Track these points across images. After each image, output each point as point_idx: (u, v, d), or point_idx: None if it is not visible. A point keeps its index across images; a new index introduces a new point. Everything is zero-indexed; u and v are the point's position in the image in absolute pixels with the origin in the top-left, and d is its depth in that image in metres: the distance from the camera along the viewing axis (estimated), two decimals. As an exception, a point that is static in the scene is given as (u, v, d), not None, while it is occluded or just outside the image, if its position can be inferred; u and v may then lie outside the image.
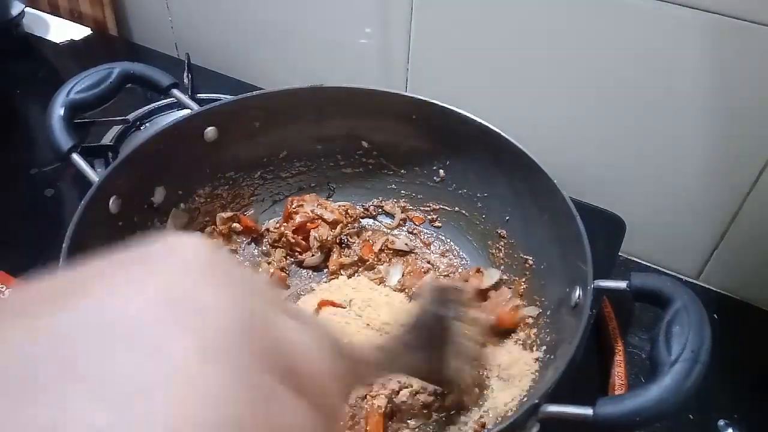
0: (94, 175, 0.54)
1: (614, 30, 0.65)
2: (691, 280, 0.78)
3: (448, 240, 0.72)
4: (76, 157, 0.54)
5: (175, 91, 0.62)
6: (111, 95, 0.58)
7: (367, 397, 0.55)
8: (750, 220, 0.69)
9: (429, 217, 0.73)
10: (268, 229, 0.71)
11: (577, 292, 0.50)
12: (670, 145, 0.69)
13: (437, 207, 0.72)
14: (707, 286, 0.77)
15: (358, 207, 0.73)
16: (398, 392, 0.55)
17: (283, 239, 0.68)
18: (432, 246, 0.72)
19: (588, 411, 0.40)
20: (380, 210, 0.74)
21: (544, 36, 0.70)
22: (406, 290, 0.66)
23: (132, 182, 0.58)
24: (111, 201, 0.55)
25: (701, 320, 0.42)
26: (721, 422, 0.62)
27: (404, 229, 0.74)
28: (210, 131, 0.64)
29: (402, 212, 0.74)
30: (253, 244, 0.71)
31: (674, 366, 0.40)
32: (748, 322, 0.73)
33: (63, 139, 0.55)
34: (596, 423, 0.40)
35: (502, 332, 0.61)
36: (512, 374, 0.57)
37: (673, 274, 0.78)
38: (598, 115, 0.72)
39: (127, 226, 0.59)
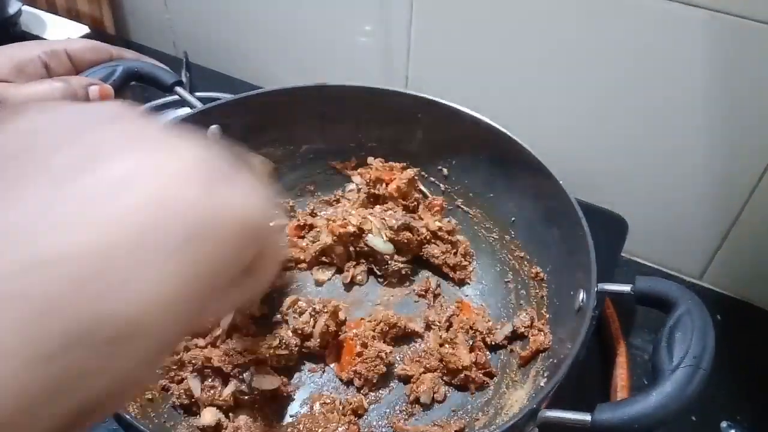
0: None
1: (617, 29, 0.64)
2: (693, 280, 0.77)
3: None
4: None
5: (179, 89, 0.61)
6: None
7: None
8: (753, 221, 0.68)
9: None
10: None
11: (581, 295, 0.50)
12: (672, 146, 0.69)
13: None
14: (710, 287, 0.76)
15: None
16: None
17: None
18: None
19: (586, 417, 0.40)
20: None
21: (546, 36, 0.69)
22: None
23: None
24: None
25: (705, 326, 0.41)
26: (724, 424, 0.62)
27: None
28: (213, 129, 0.63)
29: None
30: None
31: (675, 372, 0.39)
32: (751, 322, 0.73)
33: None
34: (594, 429, 0.39)
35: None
36: (513, 377, 0.57)
37: (676, 274, 0.78)
38: (600, 116, 0.71)
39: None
